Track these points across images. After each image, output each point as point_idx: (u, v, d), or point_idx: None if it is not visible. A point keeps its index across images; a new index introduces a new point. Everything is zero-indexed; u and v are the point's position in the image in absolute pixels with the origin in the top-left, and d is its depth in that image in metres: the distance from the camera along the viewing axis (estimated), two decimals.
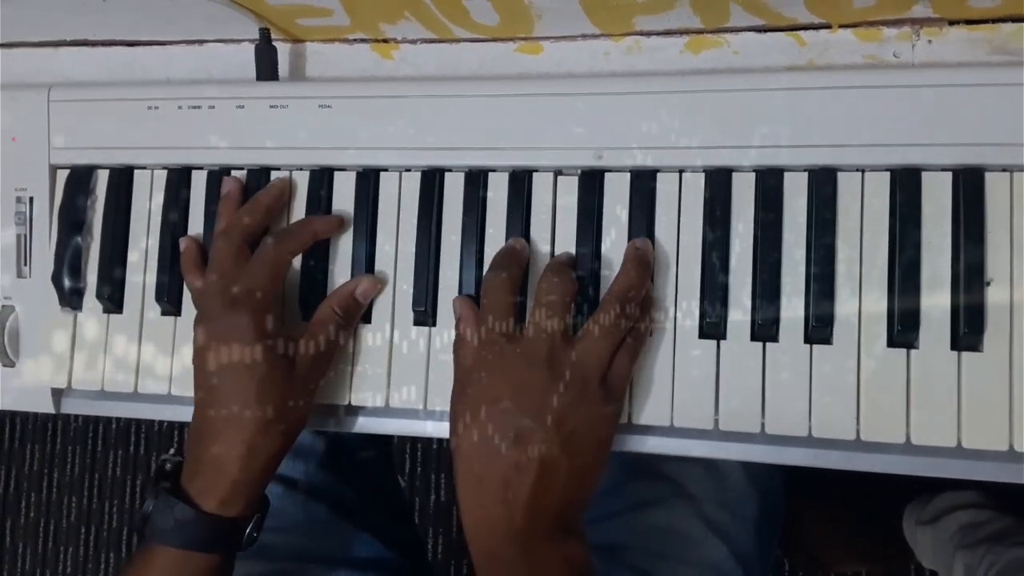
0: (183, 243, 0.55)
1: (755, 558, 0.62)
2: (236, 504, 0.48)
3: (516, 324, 0.48)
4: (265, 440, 0.48)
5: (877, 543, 1.06)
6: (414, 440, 1.26)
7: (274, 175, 0.56)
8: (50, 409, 0.58)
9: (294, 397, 0.49)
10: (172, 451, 0.51)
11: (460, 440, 0.46)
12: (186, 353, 0.56)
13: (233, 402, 0.48)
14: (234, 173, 0.56)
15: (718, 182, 0.50)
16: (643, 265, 0.49)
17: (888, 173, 0.48)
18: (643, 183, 0.51)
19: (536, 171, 0.52)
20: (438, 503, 1.26)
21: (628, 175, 0.51)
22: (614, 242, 0.51)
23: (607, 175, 0.51)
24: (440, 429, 0.53)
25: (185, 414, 0.56)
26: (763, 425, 0.48)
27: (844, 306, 0.48)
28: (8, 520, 1.41)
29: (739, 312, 0.49)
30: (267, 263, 0.51)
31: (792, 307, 0.48)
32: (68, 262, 0.57)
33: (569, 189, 0.52)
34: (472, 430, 0.45)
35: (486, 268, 0.52)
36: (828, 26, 0.53)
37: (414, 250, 0.53)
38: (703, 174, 0.50)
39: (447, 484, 1.26)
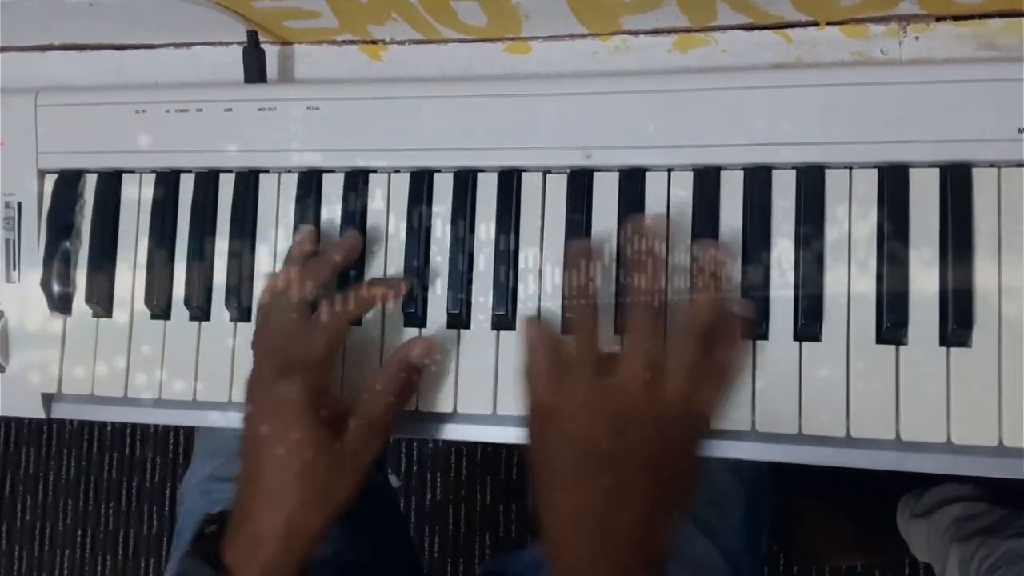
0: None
1: (743, 554, 0.62)
2: None
3: (607, 359, 0.46)
4: (306, 518, 0.46)
5: (872, 537, 1.06)
6: (409, 440, 1.26)
7: (263, 178, 0.56)
8: (40, 414, 0.58)
9: (340, 475, 0.47)
10: (219, 511, 0.49)
11: (555, 480, 0.44)
12: (175, 357, 0.56)
13: (276, 479, 0.46)
14: (223, 176, 0.56)
15: (706, 180, 0.50)
16: (716, 279, 0.47)
17: (876, 170, 0.48)
18: (632, 182, 0.51)
19: (525, 171, 0.52)
20: (434, 502, 1.26)
21: (617, 174, 0.51)
22: (603, 241, 0.51)
23: (596, 174, 0.51)
24: (429, 429, 0.53)
25: (175, 418, 0.56)
26: (753, 423, 0.48)
27: (833, 303, 0.48)
28: (4, 524, 1.41)
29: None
30: (325, 333, 0.48)
31: (781, 305, 0.48)
32: (57, 267, 0.57)
33: (558, 188, 0.52)
34: (568, 470, 0.44)
35: (476, 268, 0.52)
36: (815, 23, 0.53)
37: (403, 251, 0.53)
38: (691, 172, 0.50)
39: (442, 483, 1.26)
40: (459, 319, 0.52)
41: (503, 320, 0.52)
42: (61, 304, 0.58)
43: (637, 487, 0.43)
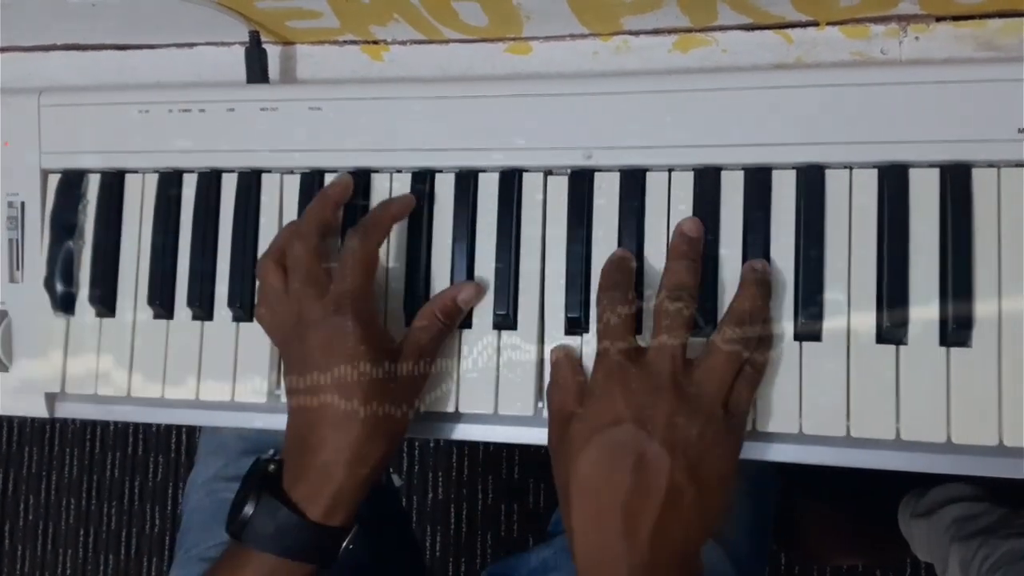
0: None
1: (749, 556, 0.62)
2: (339, 513, 0.47)
3: (635, 345, 0.46)
4: (370, 446, 0.47)
5: (873, 536, 1.06)
6: (411, 439, 1.26)
7: (265, 178, 0.56)
8: (44, 413, 0.58)
9: (397, 401, 0.48)
10: (272, 452, 0.50)
11: (576, 466, 0.44)
12: (178, 356, 0.56)
13: (338, 409, 0.46)
14: (225, 176, 0.56)
15: (707, 180, 0.50)
16: (763, 286, 0.47)
17: (876, 170, 0.48)
18: (633, 182, 0.51)
19: (526, 171, 0.53)
20: (436, 501, 1.26)
21: (617, 174, 0.51)
22: (603, 242, 0.51)
23: (597, 174, 0.52)
24: (431, 429, 0.54)
25: (178, 417, 0.57)
26: (754, 422, 0.48)
27: (833, 303, 0.48)
28: (7, 522, 1.42)
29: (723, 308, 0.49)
30: (358, 260, 0.48)
31: (781, 305, 0.48)
32: (60, 267, 0.57)
33: (559, 189, 0.52)
34: (591, 453, 0.43)
35: (477, 269, 0.52)
36: (816, 23, 0.53)
37: (406, 251, 0.53)
38: (692, 173, 0.50)
39: (444, 482, 1.26)
40: None
41: (504, 320, 0.52)
42: (64, 304, 0.58)
43: (662, 476, 0.42)
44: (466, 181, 0.53)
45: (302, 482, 0.47)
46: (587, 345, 0.51)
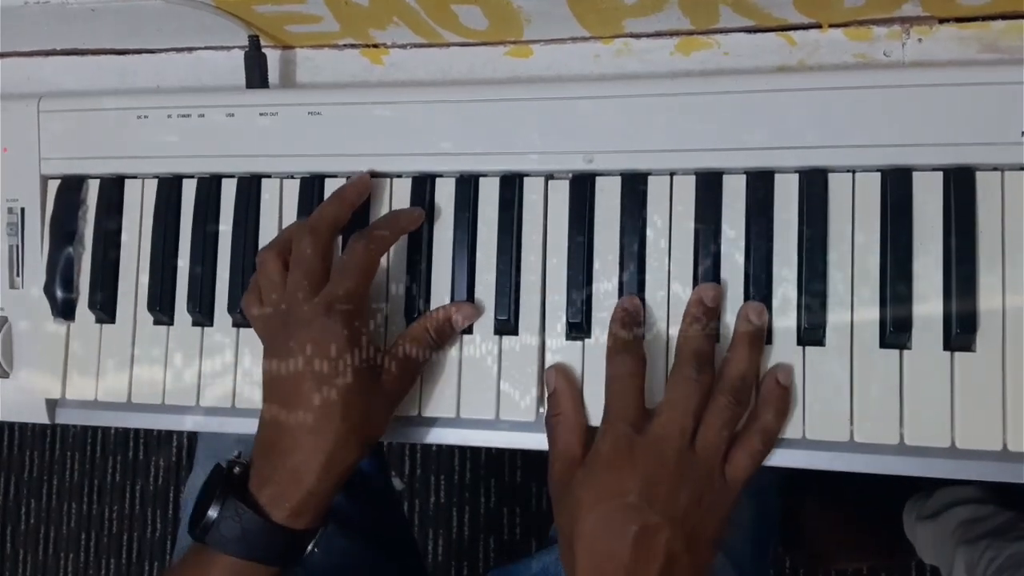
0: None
1: (752, 561, 0.62)
2: (306, 516, 0.47)
3: (644, 415, 0.47)
4: (344, 451, 0.46)
5: (878, 539, 1.06)
6: (412, 442, 1.26)
7: (265, 183, 0.56)
8: (44, 420, 0.58)
9: (376, 410, 0.48)
10: (237, 454, 0.49)
11: (580, 528, 0.45)
12: (178, 362, 0.56)
13: (316, 411, 0.46)
14: (225, 182, 0.56)
15: (709, 184, 0.50)
16: (757, 342, 0.47)
17: (879, 174, 0.48)
18: (634, 186, 0.51)
19: (527, 175, 0.52)
20: (438, 504, 1.26)
21: (619, 178, 0.51)
22: (605, 247, 0.51)
23: (598, 179, 0.51)
24: (431, 434, 0.54)
25: (178, 423, 0.56)
26: None
27: (836, 308, 0.48)
28: (8, 527, 1.41)
29: (731, 316, 0.49)
30: (359, 266, 0.48)
31: (784, 309, 0.48)
32: (60, 272, 0.57)
33: (560, 193, 0.52)
34: (595, 520, 0.44)
35: (478, 273, 0.52)
36: (818, 26, 0.53)
37: (406, 256, 0.53)
38: (694, 177, 0.50)
39: (446, 486, 1.26)
40: None
41: (506, 325, 0.51)
42: (64, 310, 0.58)
43: (663, 546, 0.43)
44: (466, 186, 0.53)
45: (270, 485, 0.46)
46: (589, 352, 0.50)
